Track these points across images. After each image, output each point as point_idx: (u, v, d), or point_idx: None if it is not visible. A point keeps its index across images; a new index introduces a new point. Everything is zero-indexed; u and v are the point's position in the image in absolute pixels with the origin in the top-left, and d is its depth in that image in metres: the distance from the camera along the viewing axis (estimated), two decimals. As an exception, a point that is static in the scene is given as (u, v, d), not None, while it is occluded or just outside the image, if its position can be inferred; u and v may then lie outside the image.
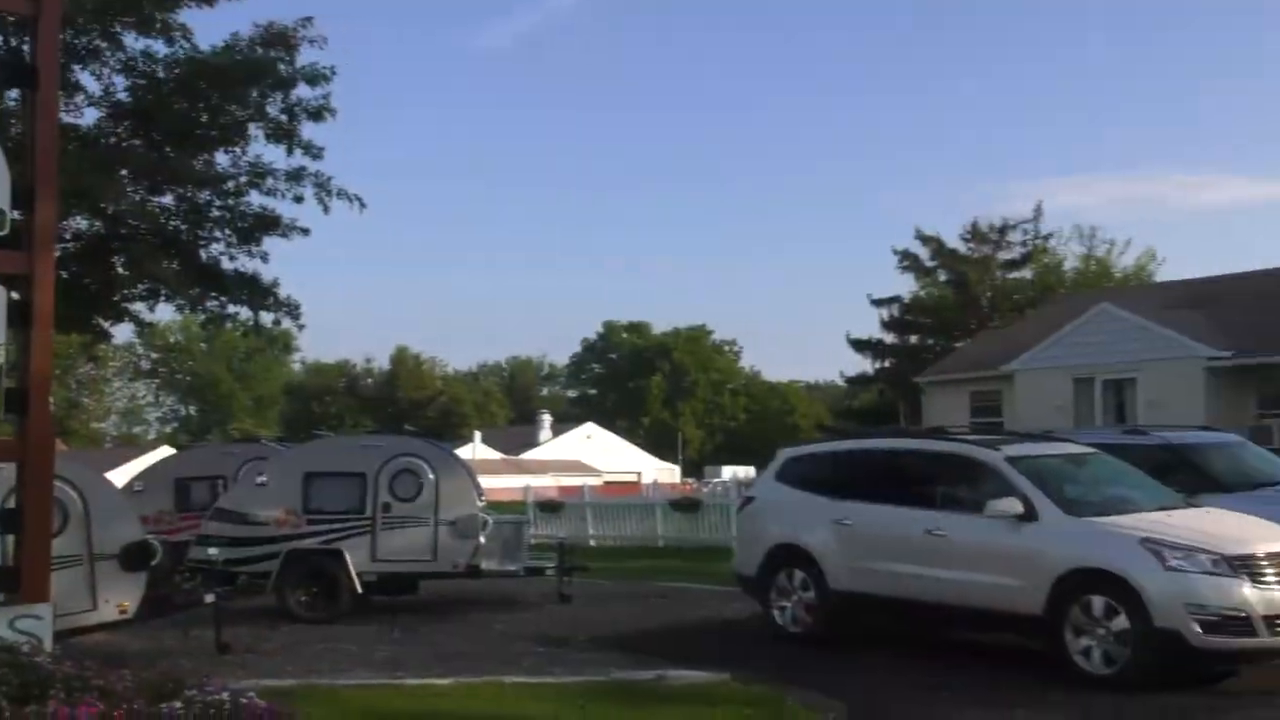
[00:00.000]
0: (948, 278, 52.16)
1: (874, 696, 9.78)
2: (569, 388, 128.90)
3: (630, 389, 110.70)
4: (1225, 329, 29.75)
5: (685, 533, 27.40)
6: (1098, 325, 30.67)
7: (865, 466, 12.77)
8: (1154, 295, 36.60)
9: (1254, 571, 9.81)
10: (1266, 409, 28.52)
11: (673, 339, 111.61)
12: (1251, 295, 31.75)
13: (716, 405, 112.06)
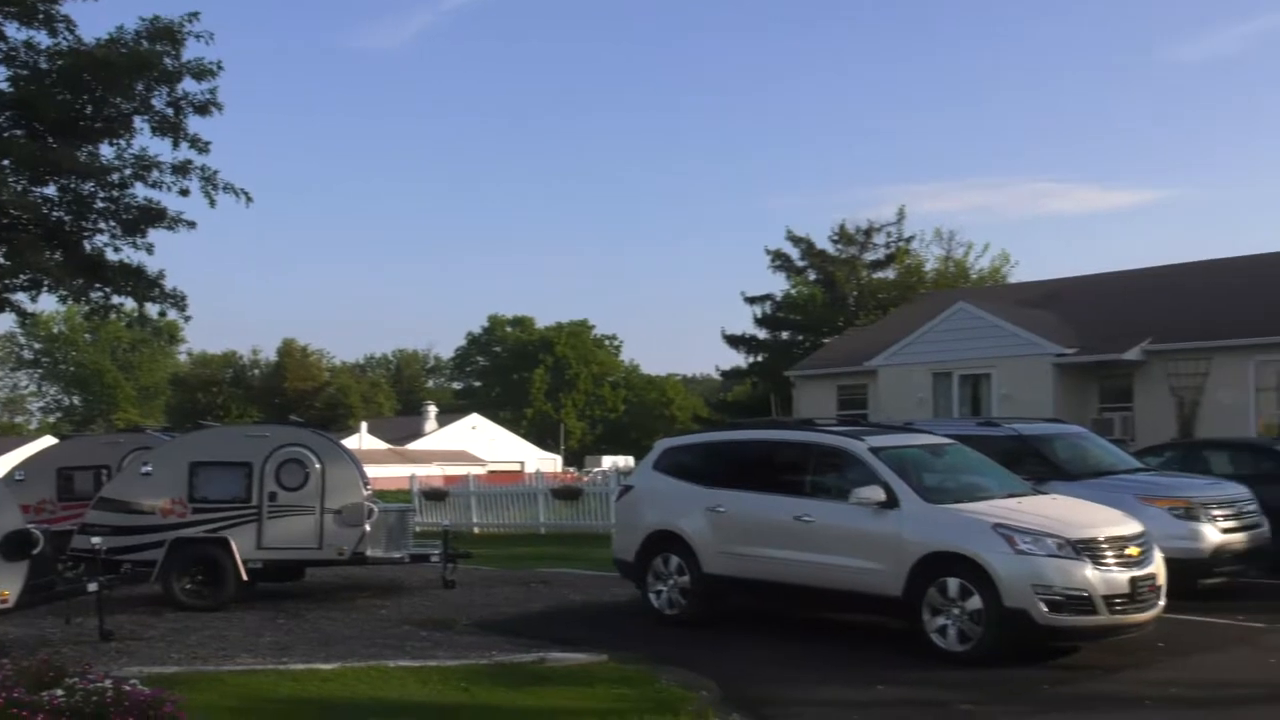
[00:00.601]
0: (817, 277, 52.90)
1: (744, 674, 9.89)
2: (454, 380, 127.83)
3: (514, 381, 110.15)
4: (1072, 327, 30.64)
5: (566, 520, 27.42)
6: (956, 323, 31.32)
7: (738, 456, 12.88)
8: (1008, 295, 37.54)
9: (1095, 554, 10.15)
10: (1108, 402, 29.47)
11: (555, 333, 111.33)
12: (1095, 296, 32.80)
13: (597, 397, 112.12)
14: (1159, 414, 27.73)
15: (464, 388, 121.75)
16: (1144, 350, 28.59)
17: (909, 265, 53.07)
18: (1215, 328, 28.16)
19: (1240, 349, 27.47)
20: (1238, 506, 14.01)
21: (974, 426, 16.36)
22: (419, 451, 78.61)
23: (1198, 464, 17.46)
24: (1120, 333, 29.39)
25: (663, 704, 8.83)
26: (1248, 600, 13.21)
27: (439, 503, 30.19)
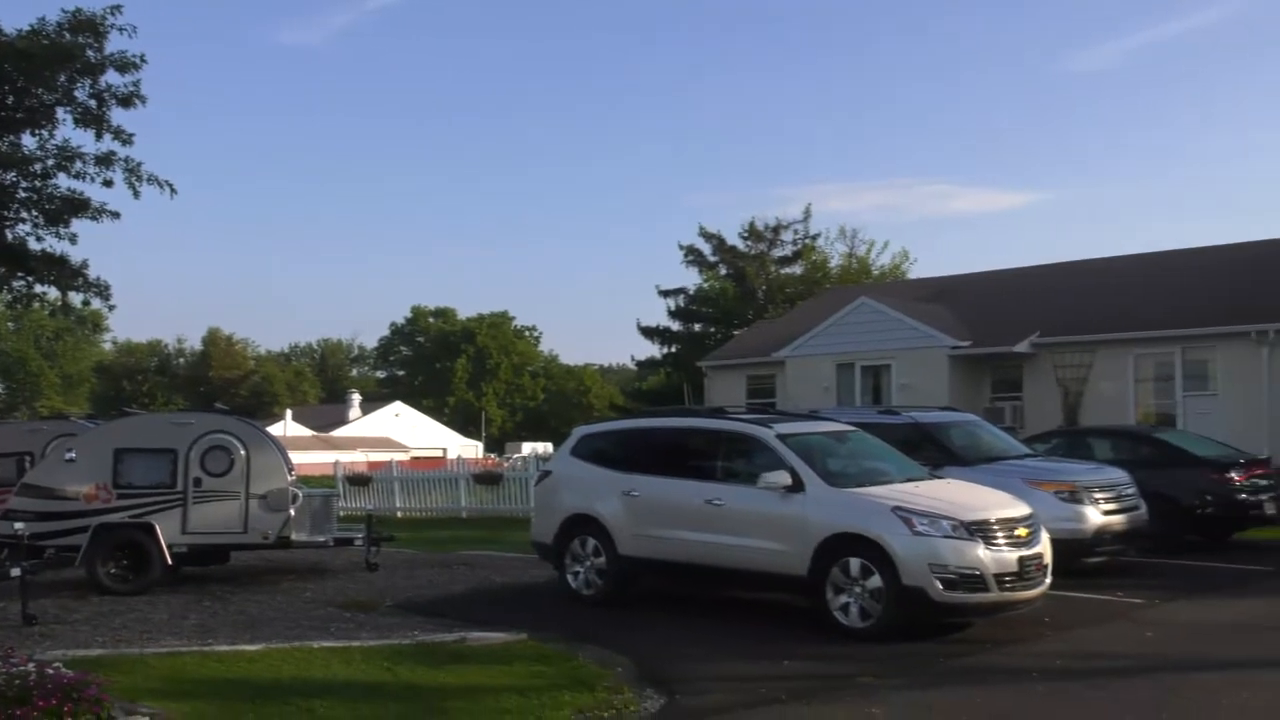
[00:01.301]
0: (728, 272, 53.26)
1: (657, 651, 9.91)
2: (378, 369, 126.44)
3: (437, 370, 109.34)
4: (966, 321, 31.13)
5: (487, 504, 27.27)
6: (858, 317, 31.65)
7: (652, 443, 12.88)
8: (907, 291, 38.01)
9: (987, 535, 10.31)
10: (999, 392, 29.99)
11: (477, 324, 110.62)
12: (988, 292, 33.34)
13: (517, 386, 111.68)
14: (1046, 403, 28.29)
15: (388, 376, 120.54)
16: (1032, 343, 29.14)
17: (815, 261, 53.65)
18: (1098, 322, 28.78)
19: (1121, 342, 28.12)
20: (1118, 490, 14.34)
21: (875, 415, 16.53)
22: (343, 438, 77.76)
23: (1082, 450, 17.84)
24: (1011, 327, 29.93)
25: (580, 681, 8.84)
26: (1127, 578, 13.50)
27: (363, 488, 29.86)
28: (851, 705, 7.91)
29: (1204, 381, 27.38)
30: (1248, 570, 14.35)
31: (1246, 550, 16.22)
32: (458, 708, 8.07)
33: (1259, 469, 17.55)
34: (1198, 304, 27.94)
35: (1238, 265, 29.61)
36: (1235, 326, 26.60)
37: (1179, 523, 16.03)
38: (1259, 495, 16.85)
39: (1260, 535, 17.27)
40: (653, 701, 8.28)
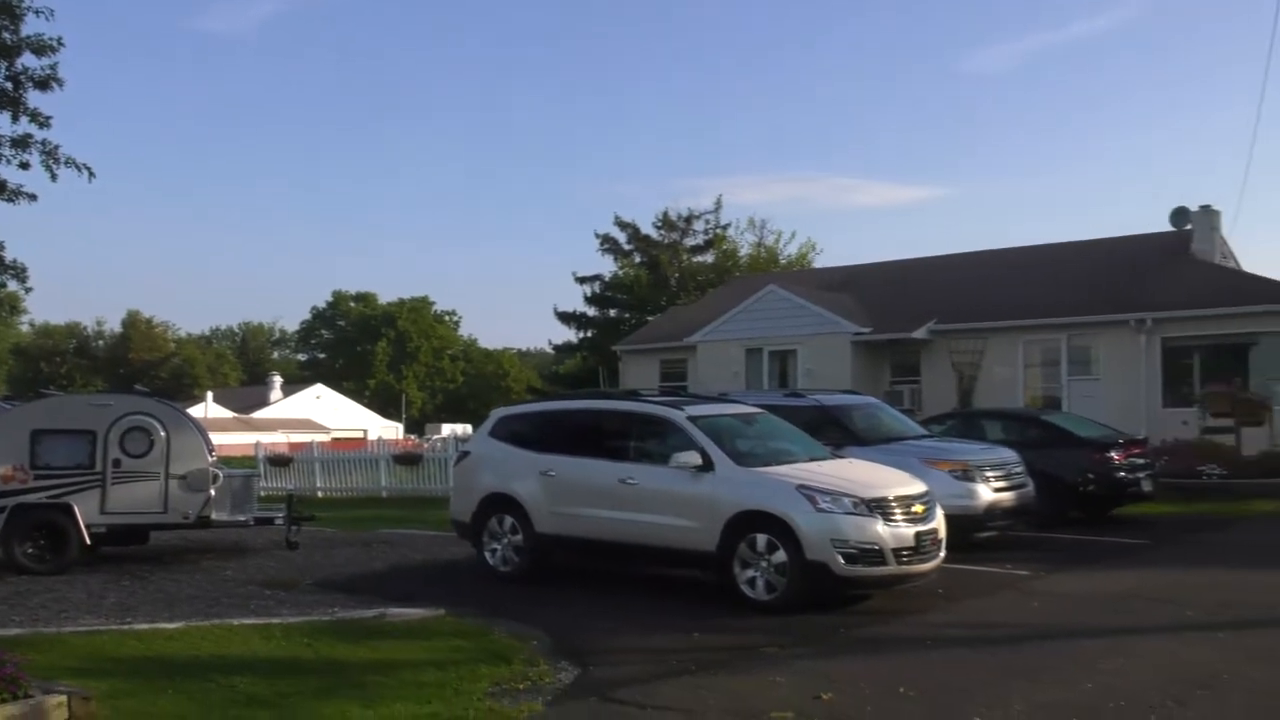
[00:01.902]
0: (642, 260, 53.32)
1: (571, 625, 9.91)
2: (299, 352, 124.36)
3: (357, 353, 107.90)
4: (868, 309, 31.55)
5: (407, 484, 27.06)
6: (766, 304, 31.90)
7: (568, 424, 12.86)
8: (813, 279, 38.37)
9: (886, 511, 10.46)
10: (898, 376, 30.46)
11: (398, 309, 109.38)
12: (889, 281, 33.81)
13: (437, 369, 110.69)
14: (942, 386, 28.79)
15: (309, 359, 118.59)
16: (930, 330, 29.63)
17: (725, 250, 53.96)
18: (991, 311, 29.34)
19: (1012, 330, 28.70)
20: (1007, 469, 14.64)
21: (781, 397, 16.68)
22: (264, 420, 76.38)
23: (975, 431, 18.18)
24: (909, 314, 30.39)
25: (496, 654, 8.81)
26: (1015, 551, 13.77)
27: (284, 468, 29.43)
28: (757, 674, 7.98)
29: (1087, 366, 28.10)
30: (1126, 544, 14.71)
31: (1125, 525, 16.67)
32: (376, 682, 7.99)
33: (1137, 449, 18.07)
34: (1082, 294, 28.63)
35: (1118, 258, 30.40)
36: (1116, 315, 27.32)
37: (1063, 499, 16.44)
38: (1136, 473, 17.36)
39: (1137, 511, 17.79)
40: (567, 673, 8.28)
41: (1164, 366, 27.08)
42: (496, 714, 7.09)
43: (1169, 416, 25.81)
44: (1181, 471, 20.53)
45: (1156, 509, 18.09)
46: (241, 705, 7.43)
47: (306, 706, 7.40)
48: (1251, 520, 17.25)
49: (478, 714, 7.08)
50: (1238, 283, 28.12)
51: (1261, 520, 17.26)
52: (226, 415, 74.70)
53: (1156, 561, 13.27)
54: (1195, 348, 27.04)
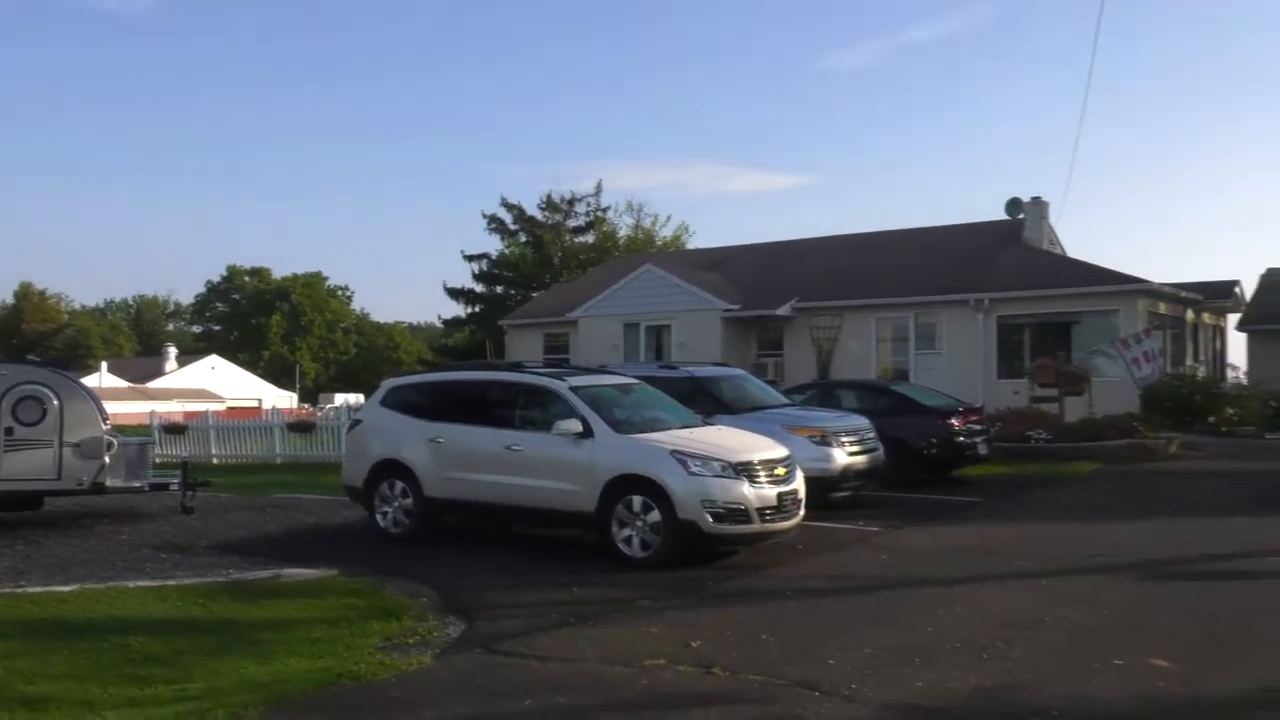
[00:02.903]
0: (527, 239, 53.04)
1: (459, 583, 9.84)
2: (194, 324, 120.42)
3: (252, 326, 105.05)
4: (736, 287, 31.91)
5: (301, 451, 26.46)
6: (643, 283, 32.03)
7: (456, 394, 12.73)
8: (687, 260, 38.64)
9: (751, 474, 10.61)
10: (764, 350, 30.94)
11: (291, 283, 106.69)
12: (755, 262, 34.24)
13: (330, 342, 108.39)
14: (803, 359, 29.35)
15: (204, 331, 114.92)
16: (792, 307, 30.12)
17: (605, 231, 54.01)
18: (847, 291, 29.95)
19: (866, 308, 29.35)
20: (861, 434, 14.95)
21: (656, 369, 16.75)
22: (160, 389, 73.86)
23: (831, 400, 18.56)
24: (774, 293, 30.84)
25: (387, 611, 8.71)
26: (866, 510, 14.10)
27: (179, 436, 28.51)
28: (633, 625, 8.06)
29: (932, 342, 28.91)
30: (964, 502, 15.16)
31: (963, 485, 17.18)
32: (271, 639, 7.84)
33: (974, 416, 18.68)
34: (928, 276, 29.41)
35: (960, 244, 31.30)
36: (957, 296, 28.15)
37: (910, 462, 16.87)
38: (974, 438, 17.94)
39: (974, 472, 18.37)
40: (454, 628, 8.23)
41: (999, 342, 28.06)
42: (387, 667, 7.02)
43: (1002, 387, 26.79)
44: (1013, 436, 21.29)
45: (991, 470, 18.69)
46: (137, 664, 7.22)
47: (202, 664, 7.22)
48: (1073, 479, 17.95)
49: (369, 667, 7.00)
50: (1063, 267, 29.22)
51: (1081, 479, 17.98)
52: (121, 385, 72.07)
53: (990, 517, 13.68)
54: (1026, 325, 28.05)
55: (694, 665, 6.86)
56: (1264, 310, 34.19)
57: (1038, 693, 6.18)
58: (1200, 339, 32.88)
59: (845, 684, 6.37)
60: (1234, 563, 10.26)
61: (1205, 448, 22.51)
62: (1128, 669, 6.62)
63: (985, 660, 6.87)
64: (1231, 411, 26.25)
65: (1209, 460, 20.53)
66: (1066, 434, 21.77)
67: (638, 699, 6.21)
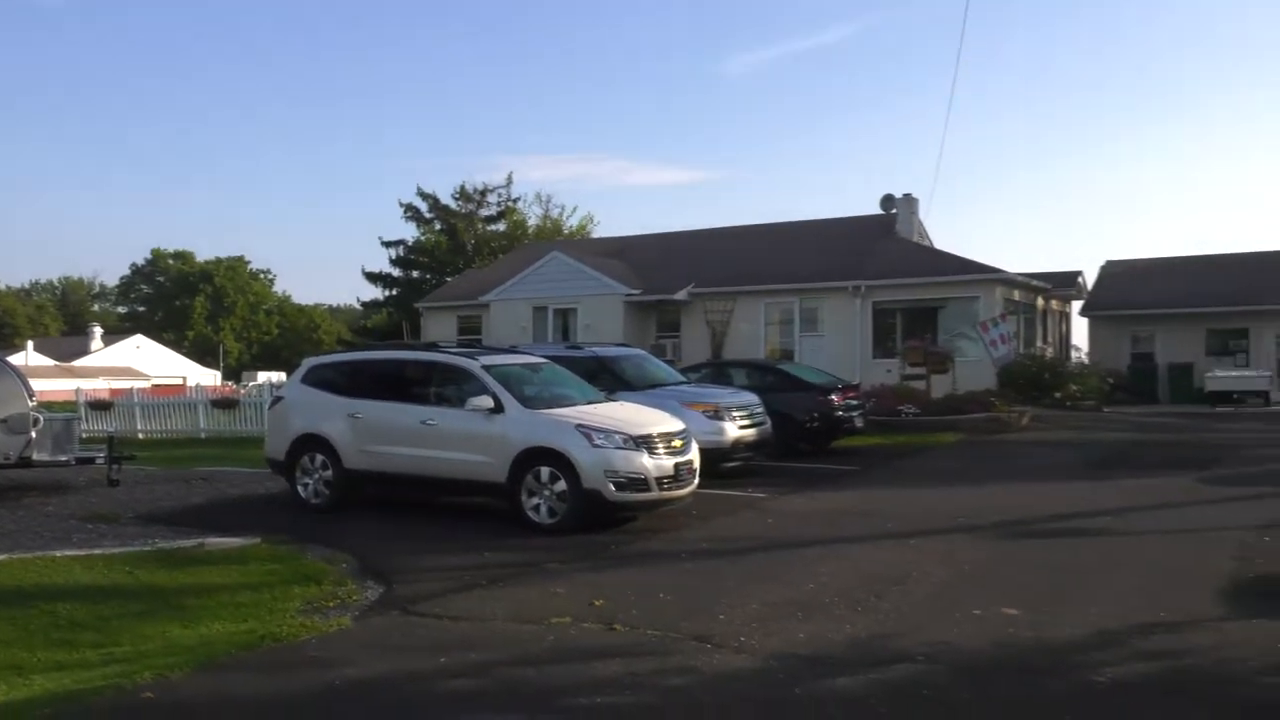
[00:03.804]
0: (442, 227, 52.30)
1: (377, 549, 9.72)
2: (120, 305, 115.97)
3: (176, 307, 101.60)
4: (637, 273, 31.96)
5: (225, 427, 25.81)
6: (551, 269, 31.88)
7: (374, 372, 12.53)
8: (592, 248, 38.52)
9: (650, 446, 10.67)
10: (662, 331, 31.07)
11: (215, 266, 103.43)
12: (655, 250, 34.31)
13: (253, 322, 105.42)
14: (698, 340, 29.55)
15: (129, 312, 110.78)
16: (689, 292, 30.29)
17: (516, 221, 53.53)
18: (739, 277, 30.22)
19: (756, 293, 29.67)
20: (750, 409, 15.13)
21: (563, 349, 16.68)
22: (86, 368, 70.94)
23: (724, 378, 18.70)
24: (672, 279, 30.97)
25: (308, 576, 8.57)
26: (755, 478, 14.29)
27: (105, 412, 27.52)
28: (540, 586, 8.06)
29: (815, 325, 29.38)
30: (842, 470, 15.44)
31: (842, 455, 17.49)
32: (196, 604, 7.65)
33: (852, 392, 19.04)
34: (811, 265, 29.84)
35: (840, 235, 31.80)
36: (837, 283, 28.63)
37: (794, 434, 17.13)
38: (851, 412, 18.30)
39: (852, 443, 18.75)
40: (373, 591, 8.14)
41: (874, 325, 28.64)
42: (308, 628, 6.90)
43: (877, 366, 27.38)
44: (886, 410, 21.77)
45: (866, 441, 19.09)
46: (64, 629, 6.98)
47: (128, 628, 7.02)
48: (938, 449, 18.45)
49: (291, 629, 6.88)
50: (930, 258, 29.93)
51: (945, 449, 18.49)
52: (48, 363, 69.08)
53: (865, 484, 13.97)
54: (898, 310, 28.68)
55: (597, 622, 6.89)
56: (1102, 298, 35.53)
57: (905, 640, 6.36)
58: (1049, 323, 34.05)
59: (735, 637, 6.47)
60: (1074, 521, 10.66)
61: (1052, 420, 23.33)
62: (983, 618, 6.85)
63: (859, 612, 7.04)
64: (1075, 388, 27.22)
65: (1055, 431, 21.29)
66: (933, 408, 22.32)
67: (545, 655, 6.22)
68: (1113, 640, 6.33)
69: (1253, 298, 32.25)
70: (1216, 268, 34.96)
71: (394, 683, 5.75)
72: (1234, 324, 32.80)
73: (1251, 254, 35.93)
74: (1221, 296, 32.74)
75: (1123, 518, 10.76)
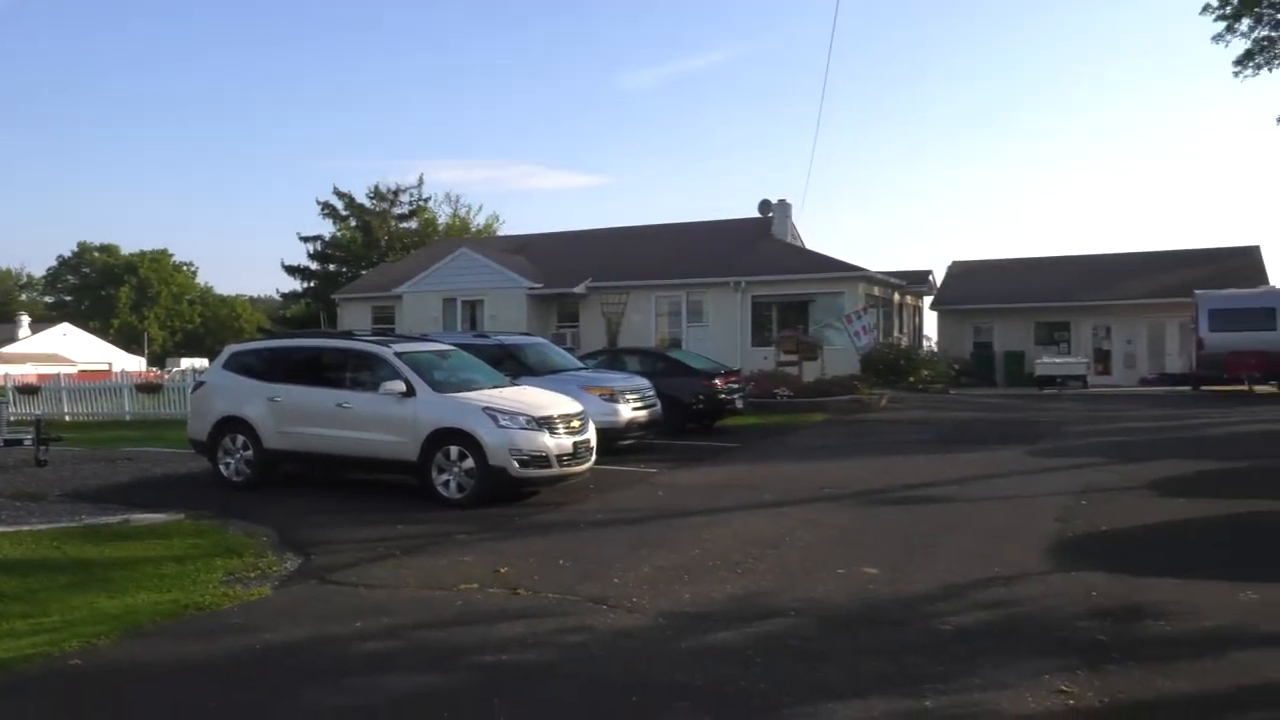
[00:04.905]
0: (357, 224, 51.13)
1: (296, 523, 9.46)
2: (46, 295, 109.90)
3: (102, 297, 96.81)
4: (540, 269, 31.77)
5: (149, 410, 24.74)
6: (460, 264, 31.46)
7: (293, 358, 12.16)
8: (497, 244, 38.16)
9: (551, 426, 10.64)
10: (563, 322, 30.97)
11: (139, 259, 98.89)
12: (556, 247, 34.17)
13: (176, 312, 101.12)
14: (595, 330, 29.54)
15: (56, 301, 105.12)
16: (587, 286, 30.25)
17: (427, 219, 52.68)
18: (632, 273, 30.30)
19: (647, 288, 29.80)
20: (642, 393, 15.19)
21: (471, 338, 16.51)
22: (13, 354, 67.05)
23: (618, 364, 18.71)
24: (572, 274, 30.88)
25: (230, 549, 8.30)
26: (647, 455, 14.36)
27: (32, 396, 26.11)
28: (450, 555, 7.96)
29: (700, 316, 29.67)
30: (724, 447, 15.62)
31: (724, 433, 17.73)
32: (121, 576, 7.33)
33: (733, 377, 19.27)
34: (697, 262, 30.12)
35: (723, 235, 32.16)
36: (720, 279, 28.97)
37: (682, 415, 17.23)
38: (733, 395, 18.51)
39: (733, 422, 19.00)
40: (292, 562, 7.92)
41: (753, 317, 29.10)
42: (230, 597, 6.68)
43: (755, 353, 27.82)
44: (763, 393, 22.10)
45: (746, 421, 19.34)
46: (-9, 604, 6.61)
47: (56, 599, 6.68)
48: (808, 427, 18.80)
49: (213, 599, 6.65)
50: (802, 257, 30.52)
51: (815, 427, 18.84)
52: (-26, 351, 65.12)
53: (744, 459, 14.14)
54: (774, 303, 29.18)
55: (502, 588, 6.84)
56: (949, 294, 36.78)
57: (778, 598, 6.48)
58: (904, 316, 35.11)
59: (628, 598, 6.50)
60: (924, 490, 10.99)
61: (907, 401, 24.04)
62: (846, 576, 7.03)
63: (739, 574, 7.14)
64: (926, 373, 28.10)
65: (909, 411, 21.94)
66: (804, 391, 22.76)
67: (454, 618, 6.14)
68: (956, 593, 6.56)
69: (1074, 295, 33.85)
70: (1045, 268, 36.58)
71: (313, 646, 5.62)
72: (1058, 317, 34.37)
73: (1074, 257, 37.77)
74: (1048, 294, 34.26)
75: (965, 486, 11.15)
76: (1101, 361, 33.51)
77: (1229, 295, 26.86)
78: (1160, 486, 10.73)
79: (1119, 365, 33.50)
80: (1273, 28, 25.18)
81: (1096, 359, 33.27)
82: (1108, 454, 13.63)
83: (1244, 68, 25.55)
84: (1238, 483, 10.99)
